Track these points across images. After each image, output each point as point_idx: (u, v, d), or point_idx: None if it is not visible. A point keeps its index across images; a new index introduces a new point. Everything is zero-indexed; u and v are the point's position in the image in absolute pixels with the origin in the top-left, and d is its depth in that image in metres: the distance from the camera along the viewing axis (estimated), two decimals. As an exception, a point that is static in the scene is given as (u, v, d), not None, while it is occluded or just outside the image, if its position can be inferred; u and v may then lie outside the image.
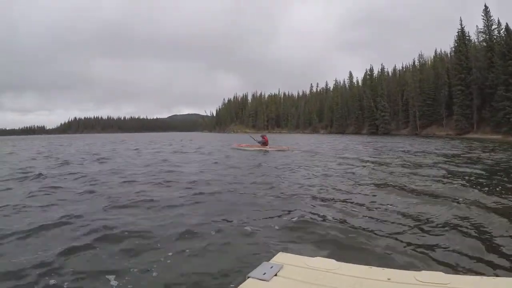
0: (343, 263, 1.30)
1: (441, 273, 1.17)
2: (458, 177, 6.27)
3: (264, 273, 1.18)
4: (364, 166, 8.30)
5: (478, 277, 1.17)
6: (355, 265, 1.30)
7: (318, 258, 1.34)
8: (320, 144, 21.03)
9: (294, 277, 1.17)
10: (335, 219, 3.49)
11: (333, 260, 1.32)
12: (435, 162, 8.94)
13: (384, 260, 2.39)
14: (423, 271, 1.17)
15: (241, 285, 1.14)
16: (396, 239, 2.88)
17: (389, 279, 1.14)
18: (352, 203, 4.22)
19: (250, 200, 4.50)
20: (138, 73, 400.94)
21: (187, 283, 2.16)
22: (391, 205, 4.05)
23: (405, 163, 8.86)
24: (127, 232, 3.05)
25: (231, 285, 2.05)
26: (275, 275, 1.18)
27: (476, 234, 2.94)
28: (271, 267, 1.23)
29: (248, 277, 1.19)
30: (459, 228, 3.12)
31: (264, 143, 15.09)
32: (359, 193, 4.87)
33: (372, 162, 9.24)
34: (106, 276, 2.21)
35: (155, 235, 2.99)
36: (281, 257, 1.36)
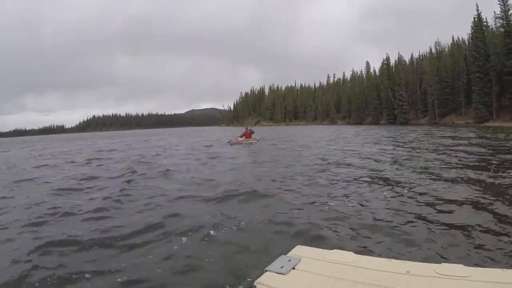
0: (361, 255, 1.28)
1: (461, 265, 1.15)
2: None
3: (282, 267, 1.17)
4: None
5: (499, 270, 1.13)
6: (374, 257, 1.30)
7: (336, 250, 1.32)
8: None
9: (312, 270, 1.16)
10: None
11: (352, 252, 1.30)
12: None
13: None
14: (443, 264, 1.16)
15: (258, 279, 1.14)
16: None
17: (408, 272, 1.12)
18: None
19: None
20: (158, 69, 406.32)
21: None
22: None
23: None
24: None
25: (248, 279, 2.00)
26: (293, 268, 1.18)
27: None
28: (289, 261, 1.22)
29: (266, 271, 1.18)
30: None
31: (247, 136, 16.70)
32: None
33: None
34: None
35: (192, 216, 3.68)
36: (299, 250, 1.34)
